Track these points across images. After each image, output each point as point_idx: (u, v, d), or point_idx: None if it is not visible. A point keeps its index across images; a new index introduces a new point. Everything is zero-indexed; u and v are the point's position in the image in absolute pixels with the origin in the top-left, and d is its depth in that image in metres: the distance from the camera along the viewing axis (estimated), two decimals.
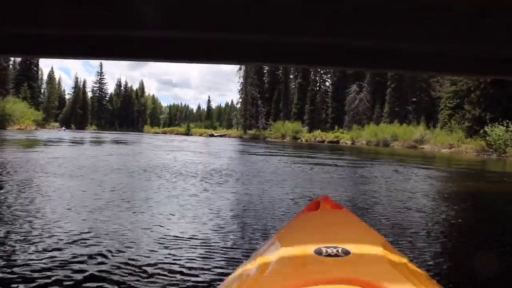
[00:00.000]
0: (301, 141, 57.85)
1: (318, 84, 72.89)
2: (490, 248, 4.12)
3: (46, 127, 74.65)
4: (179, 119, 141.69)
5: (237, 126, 79.76)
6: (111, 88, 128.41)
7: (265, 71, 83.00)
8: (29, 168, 9.00)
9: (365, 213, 5.38)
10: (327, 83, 73.16)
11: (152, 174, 8.98)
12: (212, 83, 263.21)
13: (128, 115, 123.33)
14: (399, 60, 4.47)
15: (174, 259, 3.14)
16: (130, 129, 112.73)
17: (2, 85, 52.69)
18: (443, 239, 4.36)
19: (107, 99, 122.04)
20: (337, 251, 1.09)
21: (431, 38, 3.58)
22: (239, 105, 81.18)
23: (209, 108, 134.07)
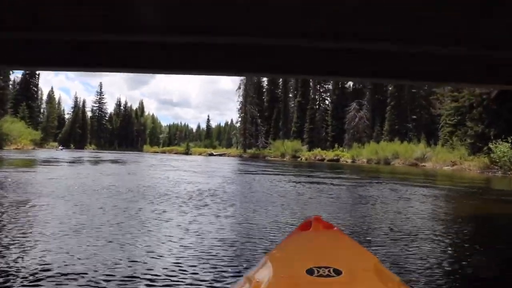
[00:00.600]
0: (301, 159, 57.31)
1: (317, 102, 72.69)
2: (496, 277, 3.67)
3: (45, 147, 74.35)
4: (178, 139, 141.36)
5: (237, 145, 79.29)
6: (110, 107, 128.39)
7: (264, 90, 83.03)
8: (9, 188, 8.48)
9: (361, 236, 4.91)
10: (327, 102, 72.99)
11: (137, 195, 8.47)
12: (212, 102, 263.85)
13: (127, 135, 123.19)
14: (400, 65, 4.09)
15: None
16: (129, 148, 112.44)
17: (0, 105, 52.40)
18: (444, 266, 3.87)
19: (107, 118, 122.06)
20: (329, 271, 1.10)
21: (432, 39, 3.38)
22: (238, 124, 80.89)
23: (209, 127, 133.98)
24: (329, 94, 72.30)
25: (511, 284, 3.49)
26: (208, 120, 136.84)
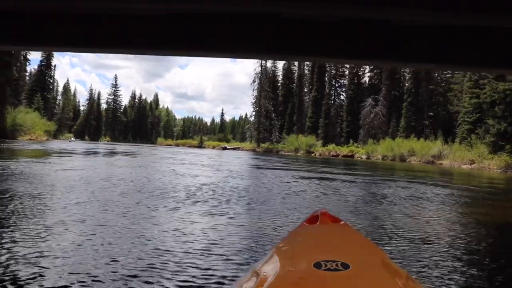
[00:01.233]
0: (315, 155, 56.77)
1: (332, 97, 71.91)
2: None
3: (60, 138, 74.84)
4: (192, 132, 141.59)
5: (251, 139, 78.94)
6: (125, 100, 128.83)
7: (279, 84, 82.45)
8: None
9: (371, 234, 4.72)
10: (342, 97, 72.19)
11: (147, 187, 8.27)
12: (226, 96, 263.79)
13: (142, 127, 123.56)
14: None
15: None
16: (143, 141, 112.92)
17: (14, 95, 52.67)
18: (455, 268, 3.67)
19: (121, 111, 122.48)
20: (336, 265, 1.09)
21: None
22: (252, 118, 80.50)
23: (223, 121, 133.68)
24: (344, 89, 71.43)
25: None
26: (222, 113, 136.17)
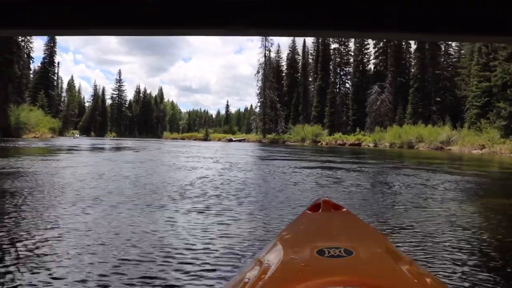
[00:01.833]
0: (321, 144, 56.24)
1: (338, 85, 71.19)
2: None
3: (65, 135, 74.77)
4: (198, 125, 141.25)
5: (256, 130, 78.40)
6: (130, 95, 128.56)
7: (283, 74, 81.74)
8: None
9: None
10: (347, 85, 71.49)
11: (137, 182, 7.88)
12: (231, 88, 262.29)
13: (147, 122, 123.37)
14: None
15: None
16: (149, 135, 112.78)
17: (17, 93, 52.43)
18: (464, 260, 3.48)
19: (126, 106, 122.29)
20: (339, 251, 1.11)
21: None
22: (257, 109, 79.92)
23: (228, 113, 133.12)
24: (349, 77, 70.72)
25: None
26: (227, 105, 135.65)
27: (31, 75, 79.42)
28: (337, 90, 70.45)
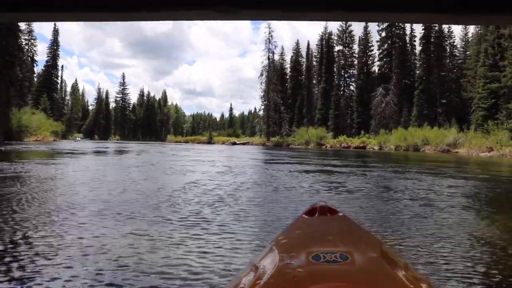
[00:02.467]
0: (326, 147, 55.72)
1: (342, 88, 70.60)
2: None
3: (68, 138, 74.51)
4: (202, 128, 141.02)
5: (260, 133, 77.91)
6: (134, 98, 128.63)
7: (287, 77, 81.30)
8: None
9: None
10: (352, 87, 70.87)
11: (130, 185, 7.32)
12: (235, 91, 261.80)
13: (151, 125, 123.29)
14: None
15: None
16: (153, 138, 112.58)
17: (19, 96, 52.13)
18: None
19: (130, 109, 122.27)
20: (335, 256, 1.11)
21: None
22: (261, 112, 79.42)
23: (232, 116, 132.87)
24: (354, 79, 70.12)
25: None
26: (231, 108, 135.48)
27: (35, 79, 79.45)
28: (342, 92, 69.89)
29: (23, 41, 70.58)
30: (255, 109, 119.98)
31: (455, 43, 61.30)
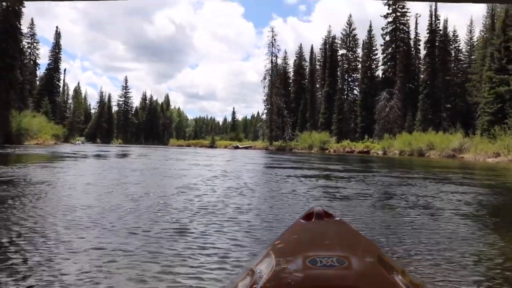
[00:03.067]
0: (329, 152, 55.15)
1: (346, 92, 70.09)
2: None
3: (70, 142, 74.19)
4: (204, 132, 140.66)
5: (263, 137, 77.41)
6: (136, 101, 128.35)
7: (290, 81, 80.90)
8: None
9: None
10: (355, 91, 70.32)
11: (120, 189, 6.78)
12: (238, 95, 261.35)
13: (153, 129, 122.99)
14: None
15: None
16: (155, 142, 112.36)
17: (20, 99, 51.73)
18: None
19: (132, 112, 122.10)
20: (332, 261, 1.12)
21: None
22: (264, 116, 78.95)
23: (234, 119, 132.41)
24: (357, 83, 69.54)
25: None
26: (233, 112, 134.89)
27: (37, 82, 79.26)
28: (345, 96, 69.36)
29: (25, 44, 70.53)
30: (258, 113, 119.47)
31: (460, 47, 60.75)
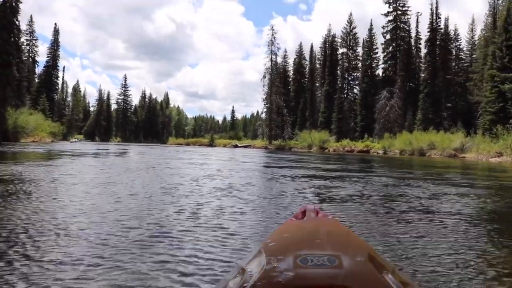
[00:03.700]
0: (329, 151, 54.72)
1: (345, 91, 69.63)
2: None
3: (69, 139, 73.81)
4: (204, 130, 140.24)
5: (262, 136, 76.95)
6: (136, 100, 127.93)
7: (290, 79, 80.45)
8: None
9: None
10: (355, 90, 69.86)
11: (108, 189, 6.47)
12: (238, 94, 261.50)
13: (152, 127, 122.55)
14: None
15: None
16: (154, 140, 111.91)
17: (17, 96, 51.24)
18: None
19: (132, 111, 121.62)
20: (322, 260, 1.12)
21: None
22: (263, 115, 78.50)
23: (234, 118, 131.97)
24: (357, 82, 69.07)
25: None
26: (233, 111, 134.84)
27: (36, 79, 78.83)
28: (345, 95, 68.91)
29: (24, 41, 70.09)
30: (258, 112, 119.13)
31: (461, 46, 60.31)
